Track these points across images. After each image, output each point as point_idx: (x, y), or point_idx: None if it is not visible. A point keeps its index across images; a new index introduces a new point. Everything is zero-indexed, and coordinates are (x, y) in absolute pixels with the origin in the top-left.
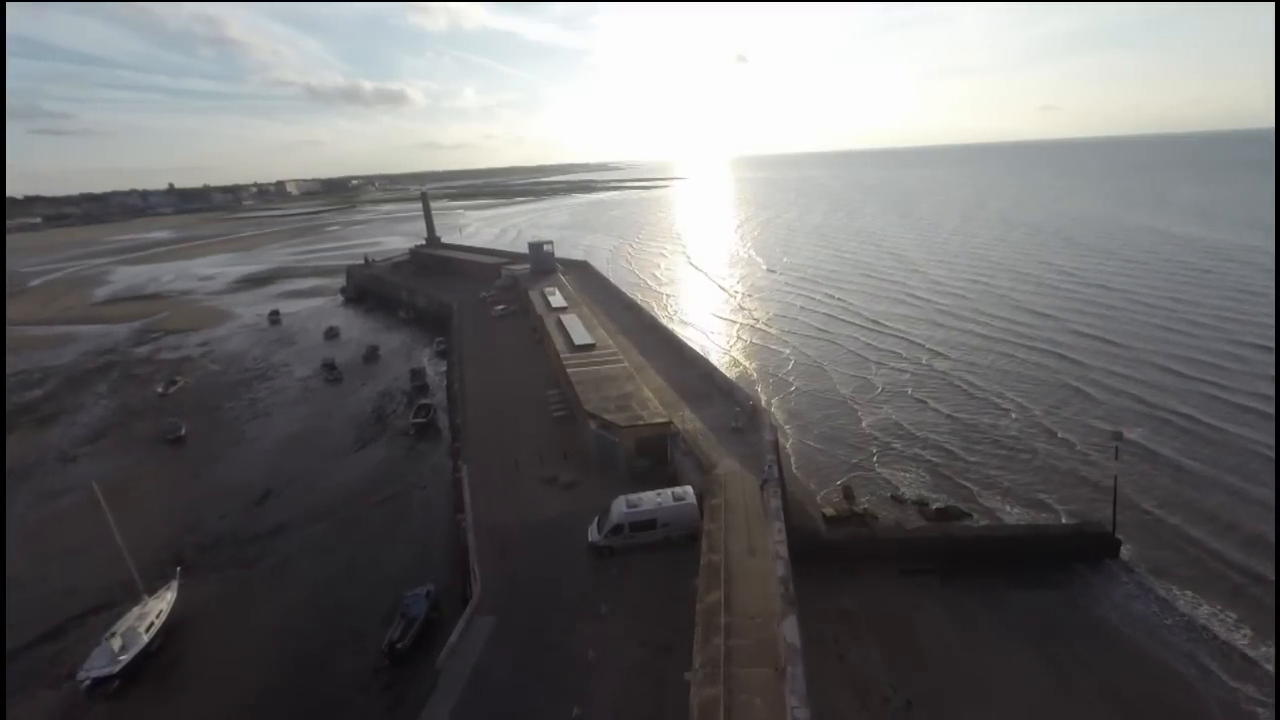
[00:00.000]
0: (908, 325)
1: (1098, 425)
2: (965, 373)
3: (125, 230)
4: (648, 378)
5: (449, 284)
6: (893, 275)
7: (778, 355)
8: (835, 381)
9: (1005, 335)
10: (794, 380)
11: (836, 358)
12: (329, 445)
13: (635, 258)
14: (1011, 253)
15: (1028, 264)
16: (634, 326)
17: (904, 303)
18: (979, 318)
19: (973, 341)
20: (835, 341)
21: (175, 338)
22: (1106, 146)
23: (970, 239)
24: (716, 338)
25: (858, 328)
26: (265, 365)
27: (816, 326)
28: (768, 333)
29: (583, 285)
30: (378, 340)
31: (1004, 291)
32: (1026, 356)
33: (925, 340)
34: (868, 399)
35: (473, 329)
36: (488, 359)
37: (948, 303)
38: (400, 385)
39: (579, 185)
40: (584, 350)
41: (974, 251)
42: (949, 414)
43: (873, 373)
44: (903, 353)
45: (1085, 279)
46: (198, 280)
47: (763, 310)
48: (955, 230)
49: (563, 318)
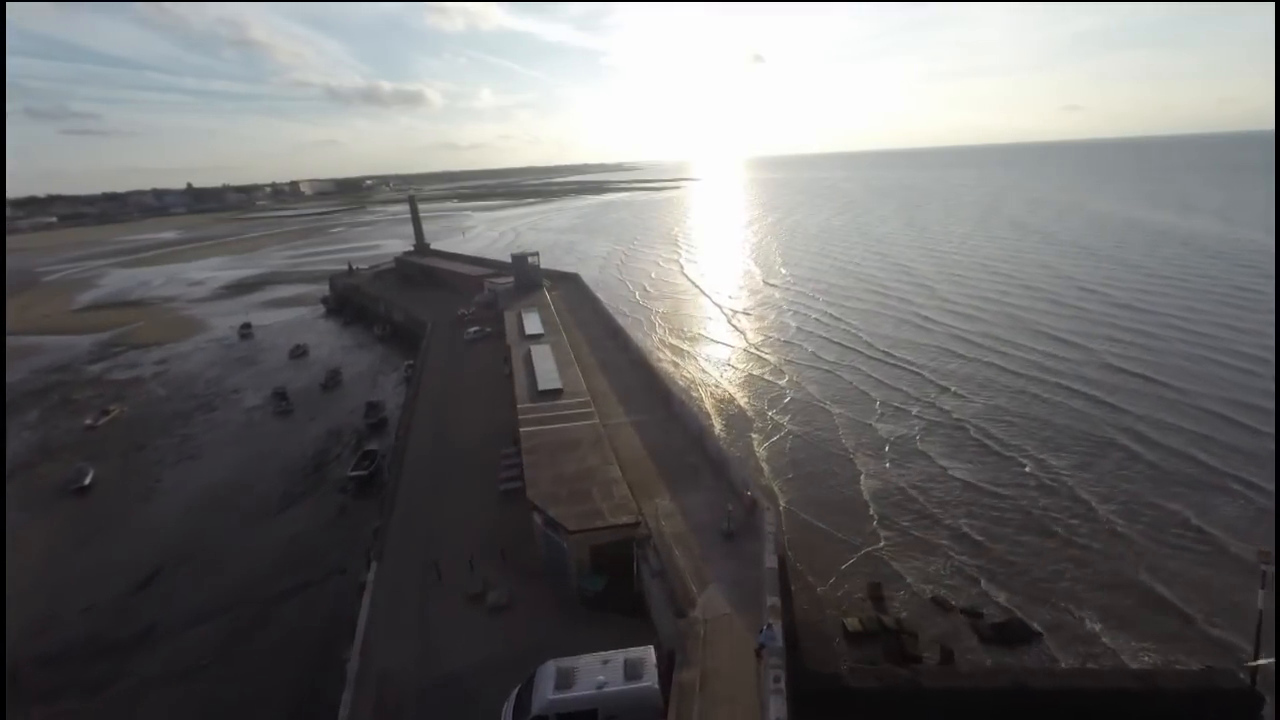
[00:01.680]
0: (915, 354)
1: (1165, 505)
2: (984, 420)
3: (136, 230)
4: (622, 440)
5: (430, 297)
6: (899, 291)
7: (771, 389)
8: (835, 426)
9: (1026, 369)
10: (788, 423)
11: (837, 393)
12: (250, 503)
13: (631, 266)
14: (1026, 265)
15: (1044, 278)
16: (616, 362)
17: (911, 325)
18: (994, 346)
19: (989, 376)
20: (835, 373)
21: (137, 353)
22: (1133, 147)
23: (981, 248)
24: (705, 366)
25: (860, 355)
26: (215, 391)
27: (814, 353)
28: (761, 359)
29: (569, 304)
30: (347, 360)
31: (1020, 312)
32: (1054, 398)
33: (935, 374)
34: (873, 452)
35: (441, 355)
36: (446, 397)
37: (959, 326)
38: (354, 421)
39: (590, 186)
40: (548, 398)
41: (985, 263)
42: (970, 479)
43: (877, 416)
44: (910, 390)
45: (1110, 297)
46: (186, 285)
47: (757, 332)
48: (966, 237)
49: (534, 350)
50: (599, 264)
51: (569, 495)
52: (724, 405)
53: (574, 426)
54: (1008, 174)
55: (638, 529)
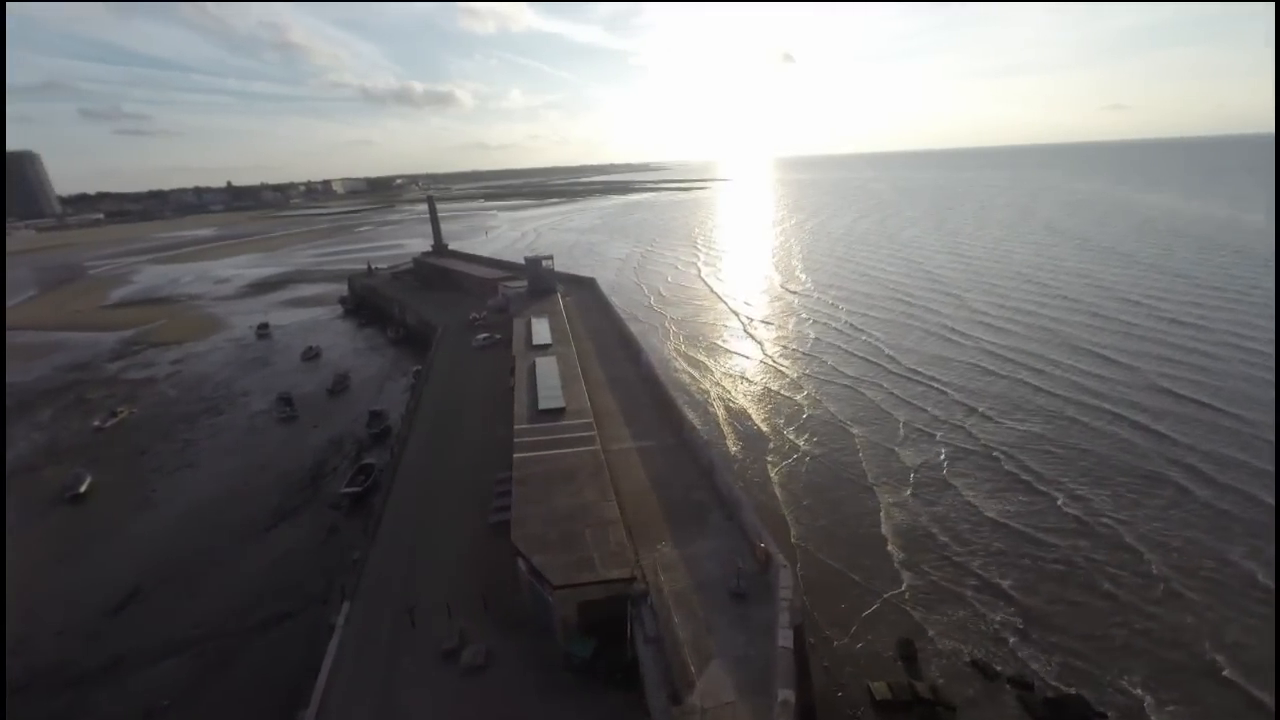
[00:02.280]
0: (942, 370)
1: (1225, 553)
2: (1017, 448)
3: (175, 227)
4: (625, 470)
5: (445, 299)
6: (925, 300)
7: (788, 405)
8: (855, 449)
9: (1064, 390)
10: (805, 444)
11: (857, 412)
12: (241, 518)
13: (648, 269)
14: (1063, 273)
15: (1083, 288)
16: (626, 377)
17: (937, 337)
18: (1029, 363)
19: (1022, 397)
20: (856, 389)
21: (155, 352)
22: (1182, 147)
23: (1014, 254)
24: (719, 378)
25: (883, 371)
26: (224, 394)
27: (834, 367)
28: (779, 372)
29: (581, 311)
30: (357, 364)
31: (1057, 325)
32: (1096, 424)
33: (964, 393)
34: (895, 481)
35: (448, 362)
36: (447, 411)
37: (990, 340)
38: (356, 430)
39: (616, 186)
40: (549, 418)
41: (1019, 271)
42: (1002, 518)
43: (901, 439)
44: (937, 411)
45: (1157, 310)
46: (213, 283)
47: (775, 342)
48: (998, 242)
49: (539, 362)
50: (617, 266)
51: (559, 539)
52: (738, 421)
53: (573, 453)
54: (1046, 175)
55: (633, 585)
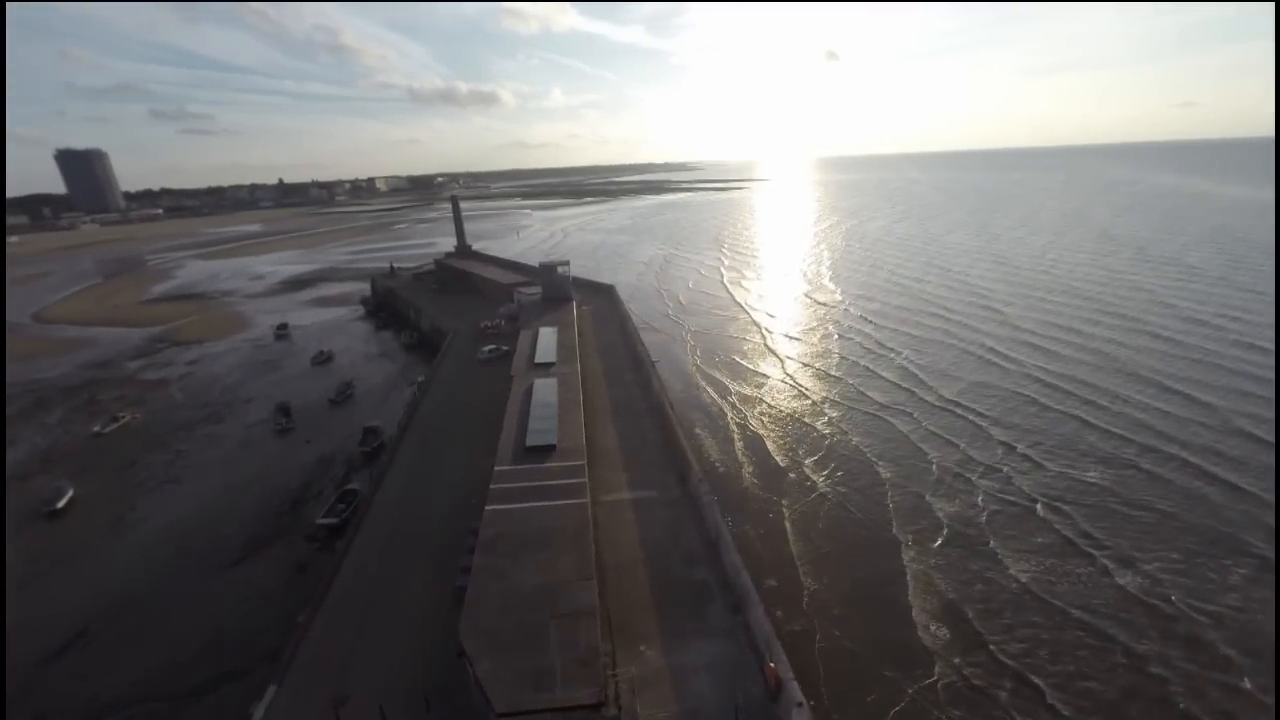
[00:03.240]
0: (981, 399)
1: None
2: (1067, 501)
3: (226, 223)
4: (616, 530)
5: (461, 303)
6: (963, 315)
7: (809, 433)
8: (880, 492)
9: (1125, 429)
10: (825, 482)
11: (885, 446)
12: (211, 548)
13: (671, 274)
14: (1118, 286)
15: (1142, 304)
16: (633, 405)
17: (976, 359)
18: (1081, 393)
19: (1073, 436)
20: (884, 419)
21: (176, 350)
22: (1256, 146)
23: (1062, 263)
24: (735, 398)
25: (915, 399)
26: (228, 400)
27: (862, 391)
28: (800, 394)
29: (596, 321)
30: (366, 371)
31: (1112, 348)
32: (1163, 474)
33: (1005, 429)
34: (924, 537)
35: (451, 374)
36: (439, 433)
37: (1035, 364)
38: (350, 446)
39: (652, 186)
40: (535, 457)
41: (1069, 283)
42: (1049, 595)
43: (933, 483)
44: (974, 450)
45: (1230, 333)
46: (249, 279)
47: (798, 360)
48: (1045, 249)
49: (537, 385)
50: (639, 270)
51: (517, 635)
52: (753, 450)
53: (556, 507)
54: (1104, 175)
55: (600, 713)
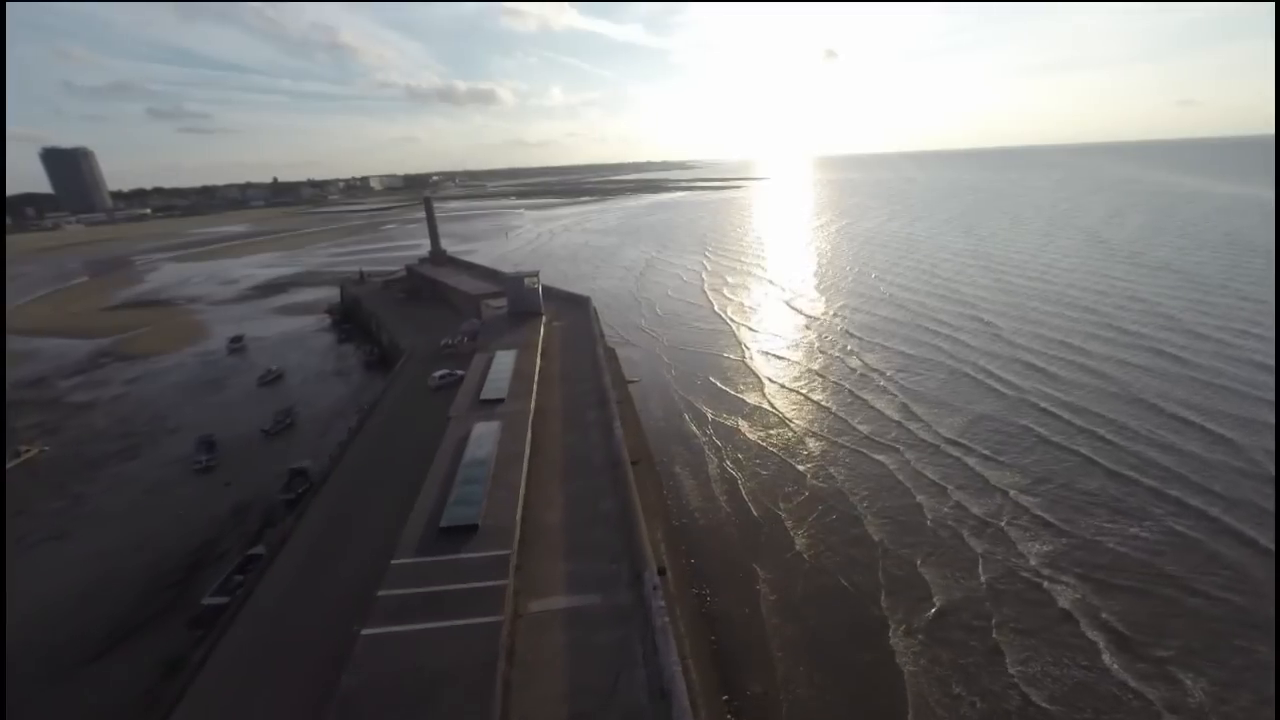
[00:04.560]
0: (975, 432)
1: None
2: (1084, 578)
3: (214, 223)
4: (536, 667)
5: (427, 316)
6: (954, 328)
7: (785, 475)
8: (866, 552)
9: (1140, 473)
10: (803, 538)
11: (871, 493)
12: (70, 634)
13: (652, 279)
14: (1115, 297)
15: (1139, 316)
16: (590, 456)
17: (968, 382)
18: (1089, 425)
19: (1085, 485)
20: (870, 454)
21: (118, 367)
22: (1258, 145)
23: (1055, 267)
24: (706, 429)
25: (903, 430)
26: (153, 430)
27: (844, 419)
28: (777, 422)
29: (565, 342)
30: (316, 392)
31: (1116, 369)
32: (1208, 545)
33: (1006, 474)
34: (916, 618)
35: (397, 404)
36: (364, 483)
37: (1034, 389)
38: (273, 491)
39: (648, 185)
40: (451, 543)
41: (1063, 292)
42: (1064, 711)
43: (926, 546)
44: (972, 503)
45: (1241, 351)
46: (220, 284)
47: (776, 381)
48: (1037, 252)
49: (476, 431)
50: (619, 275)
51: None
52: (728, 493)
53: (461, 629)
54: (1100, 174)
55: None
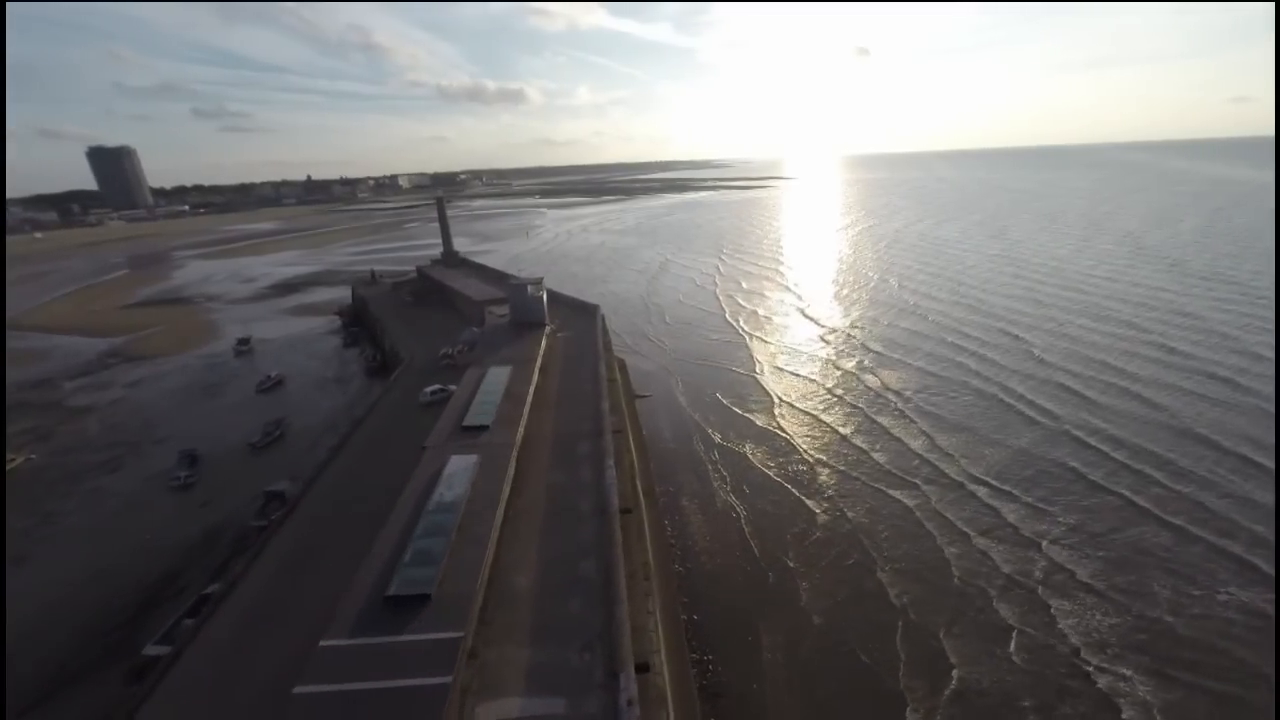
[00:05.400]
0: (1007, 472)
1: None
2: (1144, 668)
3: (246, 220)
4: None
5: (432, 321)
6: (981, 343)
7: (794, 511)
8: (882, 615)
9: (1200, 526)
10: (811, 593)
11: (889, 539)
12: (12, 680)
13: (664, 283)
14: (1161, 310)
15: (1186, 334)
16: (575, 502)
17: (999, 409)
18: (1140, 465)
19: (1128, 531)
20: (888, 492)
21: (124, 368)
22: None
23: (1092, 277)
24: (709, 452)
25: (925, 465)
26: (141, 439)
27: (860, 448)
28: (786, 448)
29: (567, 357)
30: (313, 400)
31: (1161, 396)
32: None
33: (1042, 524)
34: (935, 700)
35: (381, 423)
36: (336, 517)
37: (1074, 418)
38: (248, 515)
39: (673, 184)
40: (398, 614)
41: (1100, 306)
42: None
43: (950, 613)
44: (1005, 560)
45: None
46: (240, 282)
47: (784, 399)
48: (1069, 260)
49: (450, 466)
50: (631, 278)
51: None
52: (733, 535)
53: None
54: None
55: None
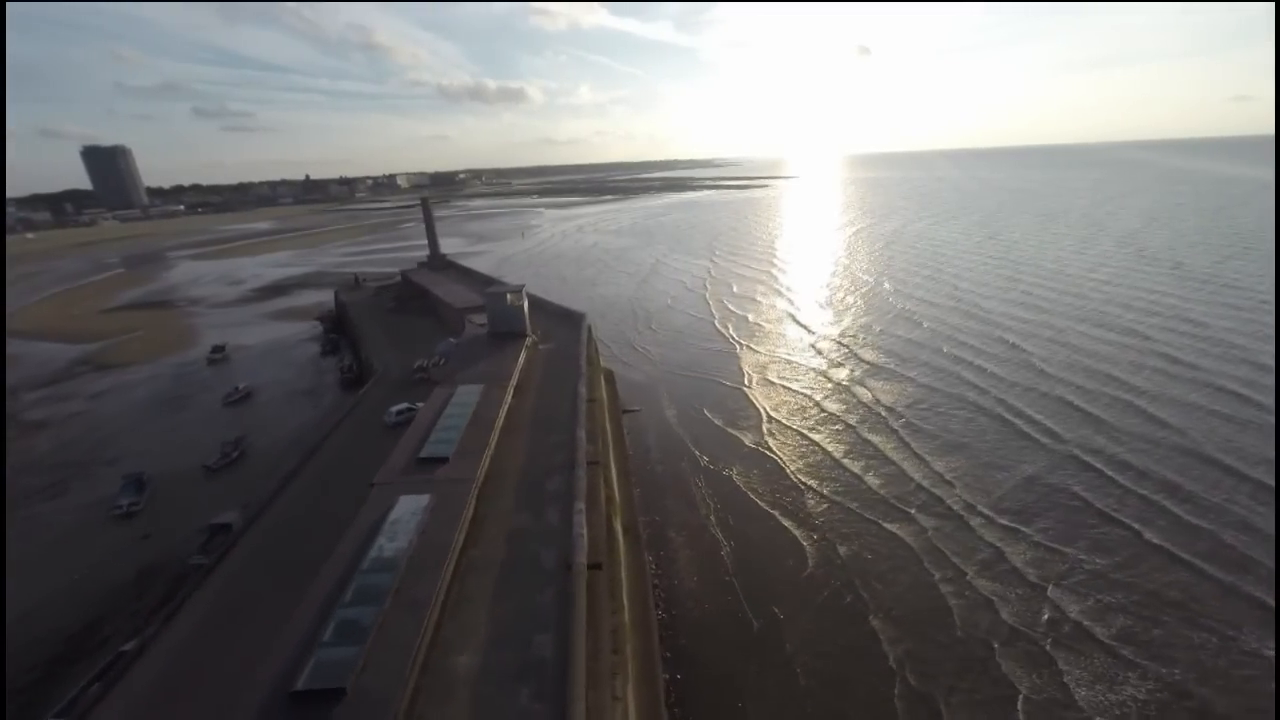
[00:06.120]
0: (1010, 503)
1: None
2: None
3: (242, 220)
4: None
5: (412, 328)
6: (979, 357)
7: (783, 546)
8: (885, 685)
9: (1232, 569)
10: (796, 644)
11: (881, 580)
12: None
13: (655, 286)
14: (1166, 317)
15: (1190, 342)
16: (533, 552)
17: (998, 427)
18: (1149, 494)
19: (1141, 578)
20: (883, 525)
21: (92, 377)
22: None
23: (1091, 280)
24: (692, 474)
25: (923, 493)
26: (91, 459)
27: (855, 474)
28: (773, 469)
29: (545, 371)
30: (281, 416)
31: (1175, 418)
32: None
33: (1046, 566)
34: None
35: (343, 446)
36: (266, 565)
37: (1074, 439)
38: (191, 548)
39: (673, 183)
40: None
41: (1100, 312)
42: None
43: (950, 678)
44: (1010, 613)
45: None
46: (227, 285)
47: (773, 411)
48: (1068, 262)
49: (399, 510)
50: (622, 280)
51: None
52: (714, 568)
53: None
54: (1144, 174)
55: None
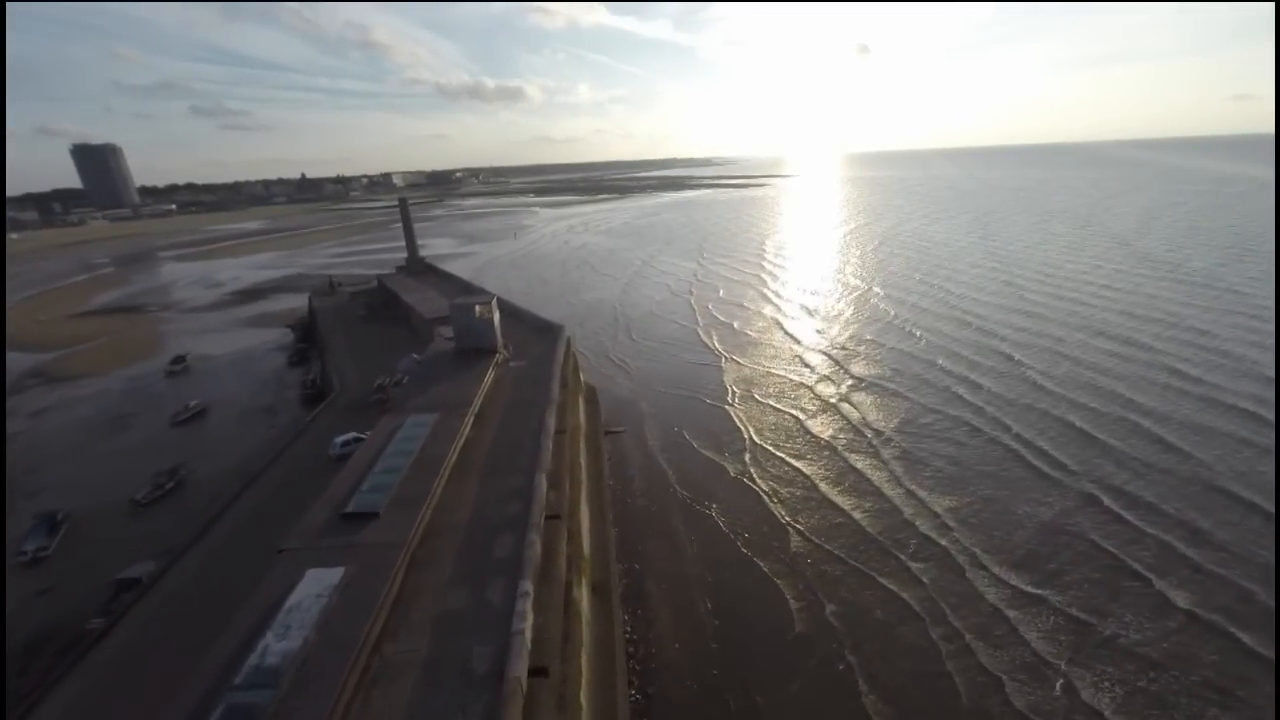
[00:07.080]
0: (1012, 554)
1: None
2: None
3: (233, 219)
4: None
5: (382, 339)
6: (972, 371)
7: (765, 600)
8: None
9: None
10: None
11: (878, 654)
12: None
13: (639, 291)
14: (1170, 329)
15: (1194, 354)
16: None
17: (998, 452)
18: (1169, 539)
19: (1177, 639)
20: (879, 578)
21: (40, 391)
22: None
23: (1089, 286)
24: (666, 507)
25: (914, 535)
26: (14, 490)
27: (846, 514)
28: (754, 500)
29: (512, 397)
30: (234, 436)
31: (1180, 438)
32: None
33: (1060, 637)
34: None
35: (289, 475)
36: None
37: (1083, 471)
38: (90, 607)
39: (671, 182)
40: None
41: (1100, 320)
42: None
43: None
44: (1021, 697)
45: None
46: (205, 288)
47: (762, 444)
48: (1064, 265)
49: (303, 588)
50: (606, 283)
51: None
52: (689, 632)
53: None
54: (1143, 173)
55: None
